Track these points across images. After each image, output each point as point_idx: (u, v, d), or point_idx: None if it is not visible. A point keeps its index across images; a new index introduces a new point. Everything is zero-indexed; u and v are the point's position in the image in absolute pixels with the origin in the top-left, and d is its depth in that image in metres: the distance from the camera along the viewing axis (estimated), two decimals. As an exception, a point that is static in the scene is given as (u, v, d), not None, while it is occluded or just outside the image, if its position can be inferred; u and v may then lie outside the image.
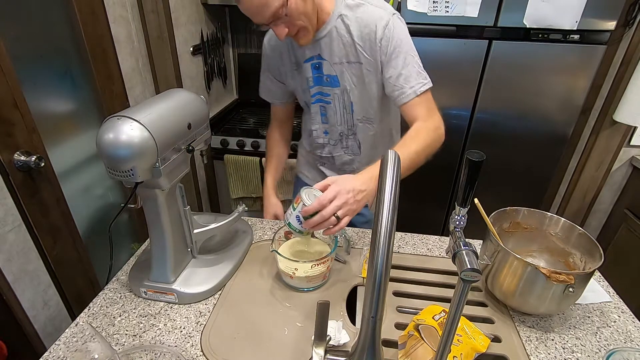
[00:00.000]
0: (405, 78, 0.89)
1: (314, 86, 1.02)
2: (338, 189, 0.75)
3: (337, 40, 0.92)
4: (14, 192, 0.99)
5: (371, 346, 0.52)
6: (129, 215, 1.58)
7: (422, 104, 0.90)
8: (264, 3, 0.78)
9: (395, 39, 0.88)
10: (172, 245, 0.79)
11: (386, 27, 0.87)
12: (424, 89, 0.90)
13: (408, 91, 0.89)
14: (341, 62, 0.95)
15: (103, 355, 0.64)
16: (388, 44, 0.88)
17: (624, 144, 1.92)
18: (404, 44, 0.89)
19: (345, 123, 1.05)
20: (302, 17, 0.84)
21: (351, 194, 0.76)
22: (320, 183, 0.80)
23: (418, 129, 0.88)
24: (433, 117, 0.90)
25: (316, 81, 1.00)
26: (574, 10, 1.44)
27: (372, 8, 0.89)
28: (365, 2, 0.90)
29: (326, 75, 0.98)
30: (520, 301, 0.75)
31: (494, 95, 1.66)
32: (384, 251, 0.46)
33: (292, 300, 0.81)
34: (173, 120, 0.71)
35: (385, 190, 0.47)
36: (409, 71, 0.89)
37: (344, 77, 0.97)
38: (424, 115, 0.89)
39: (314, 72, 0.99)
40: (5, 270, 0.97)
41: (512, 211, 0.85)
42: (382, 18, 0.88)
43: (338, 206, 0.75)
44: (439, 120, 0.91)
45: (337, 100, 1.01)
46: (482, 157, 0.56)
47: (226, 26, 2.25)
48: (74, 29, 1.20)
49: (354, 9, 0.90)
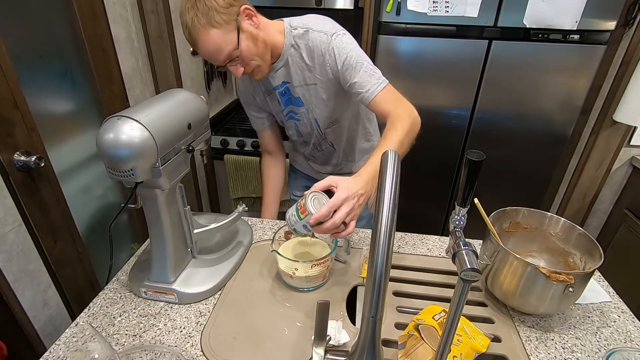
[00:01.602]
0: (360, 84, 0.96)
1: (285, 108, 1.13)
2: (346, 195, 0.75)
3: (293, 66, 1.02)
4: (14, 192, 0.99)
5: (371, 346, 0.52)
6: (129, 215, 1.58)
7: (385, 98, 0.95)
8: (217, 49, 0.88)
9: (340, 55, 0.95)
10: (172, 245, 0.79)
11: (329, 48, 0.96)
12: (380, 88, 0.95)
13: (366, 95, 0.96)
14: (300, 85, 1.05)
15: (103, 355, 0.64)
16: (335, 62, 0.96)
17: (624, 144, 1.92)
18: (349, 56, 0.95)
19: (315, 135, 1.17)
20: (255, 57, 0.93)
21: (356, 198, 0.77)
22: (321, 183, 0.80)
23: (393, 121, 0.92)
24: (401, 105, 0.95)
25: (286, 103, 1.12)
26: (574, 10, 1.44)
27: (315, 34, 0.98)
28: (308, 29, 0.99)
29: (290, 96, 1.09)
30: (520, 301, 0.75)
31: (494, 95, 1.66)
32: (384, 251, 0.46)
33: (292, 300, 0.81)
34: (173, 120, 0.71)
35: (385, 190, 0.47)
36: (361, 77, 0.95)
37: (305, 98, 1.07)
38: (392, 107, 0.94)
39: (282, 98, 1.10)
40: (5, 270, 0.97)
41: (512, 211, 0.85)
42: (323, 42, 0.97)
43: (347, 212, 0.75)
44: (409, 106, 0.95)
45: (304, 117, 1.13)
46: (482, 157, 0.56)
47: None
48: (74, 29, 1.20)
49: (302, 37, 0.99)
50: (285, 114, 1.15)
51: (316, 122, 1.12)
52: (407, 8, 1.55)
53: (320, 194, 0.79)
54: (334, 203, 0.74)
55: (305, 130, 1.17)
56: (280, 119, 1.21)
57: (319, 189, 0.80)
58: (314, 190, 0.79)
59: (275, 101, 1.13)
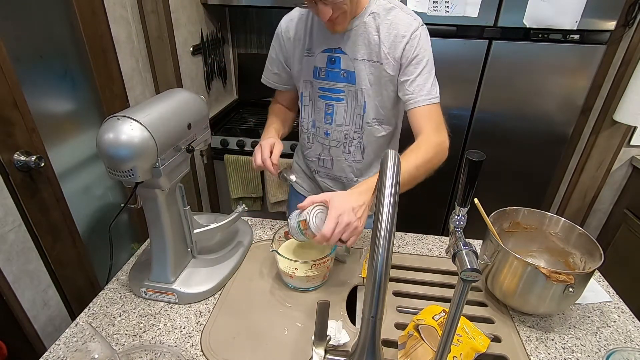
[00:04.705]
0: (419, 85, 0.90)
1: (325, 79, 0.99)
2: (337, 214, 0.73)
3: (362, 36, 0.93)
4: (14, 192, 0.99)
5: (371, 346, 0.52)
6: (129, 215, 1.58)
7: (430, 116, 0.91)
8: None
9: (420, 47, 0.90)
10: (172, 245, 0.79)
11: (413, 34, 0.90)
12: (434, 102, 0.91)
13: (419, 98, 0.90)
14: (362, 59, 0.94)
15: (103, 355, 0.64)
16: (412, 49, 0.90)
17: (624, 144, 1.92)
18: (426, 55, 0.91)
19: (353, 124, 1.02)
20: (347, 1, 0.85)
21: (352, 213, 0.74)
22: (316, 198, 0.78)
23: (420, 142, 0.88)
24: (439, 133, 0.90)
25: (329, 76, 0.98)
26: (574, 10, 1.44)
27: (403, 15, 0.92)
28: (397, 7, 0.93)
29: (343, 70, 0.97)
30: (520, 301, 0.75)
31: (494, 95, 1.66)
32: (384, 251, 0.46)
33: (292, 300, 0.81)
34: (173, 120, 0.71)
35: (385, 190, 0.47)
36: (424, 80, 0.91)
37: (361, 75, 0.95)
38: (431, 128, 0.90)
39: (329, 66, 0.97)
40: (5, 270, 0.97)
41: (512, 211, 0.85)
42: (411, 25, 0.90)
43: (341, 232, 0.73)
44: (445, 136, 0.91)
45: (350, 98, 0.99)
46: (482, 157, 0.56)
47: (226, 26, 2.25)
48: (74, 29, 1.20)
49: (387, 11, 0.92)
50: (321, 88, 1.01)
51: (364, 107, 0.98)
52: (407, 8, 1.55)
53: (324, 207, 0.77)
54: (327, 228, 0.72)
55: (343, 116, 1.01)
56: (309, 93, 1.04)
57: (316, 201, 0.77)
58: (318, 204, 0.78)
59: (311, 66, 1.00)
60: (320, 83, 1.00)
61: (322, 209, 0.77)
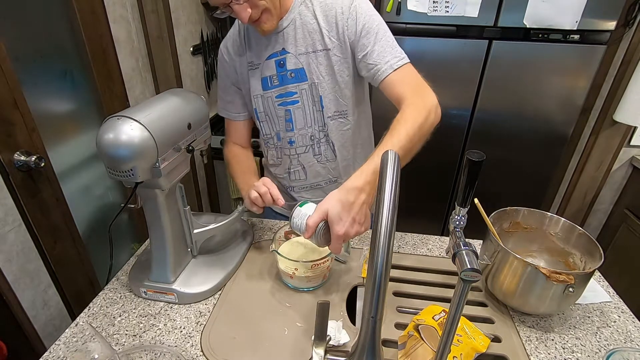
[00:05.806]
0: (379, 54, 0.83)
1: (279, 85, 0.93)
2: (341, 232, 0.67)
3: (300, 28, 0.88)
4: (14, 192, 0.99)
5: (371, 346, 0.52)
6: (129, 215, 1.58)
7: (404, 79, 0.82)
8: None
9: (363, 16, 0.83)
10: (172, 245, 0.79)
11: (351, 6, 0.84)
12: (402, 64, 0.83)
13: (384, 67, 0.82)
14: (307, 52, 0.89)
15: (103, 355, 0.64)
16: (355, 22, 0.84)
17: (624, 144, 1.92)
18: (372, 20, 0.84)
19: (315, 123, 0.96)
20: None
21: (351, 218, 0.67)
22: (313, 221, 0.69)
23: (405, 109, 0.78)
24: (420, 93, 0.81)
25: (283, 80, 0.92)
26: (574, 10, 1.44)
27: None
28: None
29: (290, 71, 0.91)
30: (520, 301, 0.75)
31: (494, 95, 1.66)
32: (384, 251, 0.46)
33: (292, 300, 0.81)
34: (173, 120, 0.71)
35: (385, 190, 0.47)
36: (381, 46, 0.83)
37: (310, 68, 0.90)
38: (411, 92, 0.81)
39: (279, 70, 0.91)
40: (5, 270, 0.97)
41: (512, 211, 0.85)
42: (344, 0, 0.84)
43: (348, 237, 0.69)
44: (429, 94, 0.81)
45: (306, 97, 0.93)
46: (482, 157, 0.56)
47: (226, 26, 2.25)
48: (74, 29, 1.20)
49: None
50: (277, 96, 0.94)
51: (321, 102, 0.92)
52: (407, 8, 1.55)
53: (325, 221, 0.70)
54: (335, 247, 0.68)
55: (302, 119, 0.95)
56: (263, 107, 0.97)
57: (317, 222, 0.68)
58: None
59: (258, 79, 0.94)
60: (275, 91, 0.95)
61: (324, 224, 0.71)
